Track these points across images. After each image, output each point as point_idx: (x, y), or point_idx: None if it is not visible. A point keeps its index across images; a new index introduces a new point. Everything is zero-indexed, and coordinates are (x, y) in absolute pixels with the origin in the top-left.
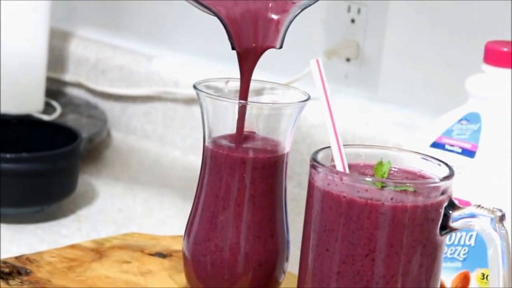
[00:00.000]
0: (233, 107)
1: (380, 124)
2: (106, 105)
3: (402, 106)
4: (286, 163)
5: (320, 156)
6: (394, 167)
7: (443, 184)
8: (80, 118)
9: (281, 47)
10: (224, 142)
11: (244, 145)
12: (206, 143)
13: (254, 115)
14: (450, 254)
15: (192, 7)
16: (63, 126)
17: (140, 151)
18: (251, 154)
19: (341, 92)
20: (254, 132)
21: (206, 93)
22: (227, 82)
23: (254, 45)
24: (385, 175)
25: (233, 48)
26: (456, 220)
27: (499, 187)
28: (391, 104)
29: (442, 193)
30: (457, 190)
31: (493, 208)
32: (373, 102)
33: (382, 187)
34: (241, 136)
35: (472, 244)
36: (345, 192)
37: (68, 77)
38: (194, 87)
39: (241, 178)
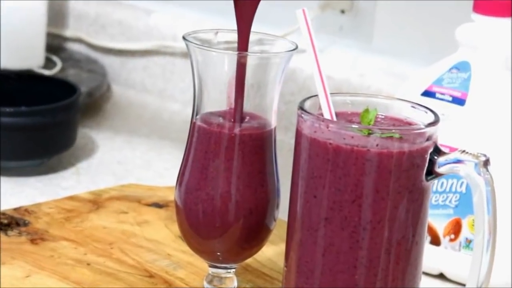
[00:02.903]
0: (222, 58)
1: (374, 74)
2: (105, 60)
3: (395, 56)
4: (275, 136)
5: (307, 105)
6: (381, 115)
7: (428, 130)
8: (80, 73)
9: None
10: (214, 119)
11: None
12: (194, 119)
13: None
14: (442, 201)
15: None
16: (62, 80)
17: (139, 104)
18: (238, 130)
19: (336, 44)
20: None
21: (195, 43)
22: (216, 33)
23: None
24: (371, 122)
25: None
26: (442, 165)
27: (488, 134)
28: (385, 55)
29: (428, 139)
30: (448, 137)
31: (478, 153)
32: (367, 52)
33: (368, 134)
34: (244, 88)
35: (464, 191)
36: (332, 139)
37: (68, 32)
38: (184, 38)
39: (231, 137)
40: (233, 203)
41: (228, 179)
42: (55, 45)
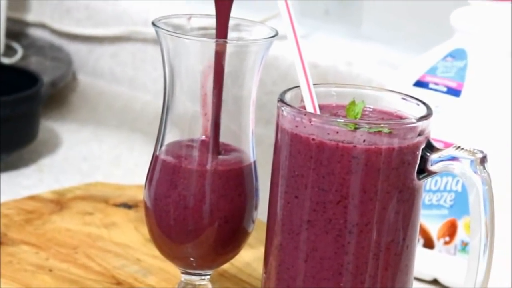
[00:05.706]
0: (196, 45)
1: (363, 63)
2: (71, 47)
3: (386, 43)
4: (255, 170)
5: (288, 97)
6: (369, 107)
7: (420, 125)
8: (44, 61)
9: None
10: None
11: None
12: (158, 152)
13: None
14: (436, 200)
15: None
16: (23, 69)
17: (108, 95)
18: (212, 166)
19: (321, 29)
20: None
21: (165, 30)
22: (189, 18)
23: None
24: (358, 116)
25: None
26: (435, 163)
27: (486, 129)
28: (375, 42)
29: (419, 134)
30: (442, 132)
31: (474, 149)
32: (355, 39)
33: (355, 128)
34: (222, 82)
35: (459, 190)
36: (314, 135)
37: (30, 16)
38: (153, 24)
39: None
40: (207, 206)
41: (202, 183)
42: (15, 31)
